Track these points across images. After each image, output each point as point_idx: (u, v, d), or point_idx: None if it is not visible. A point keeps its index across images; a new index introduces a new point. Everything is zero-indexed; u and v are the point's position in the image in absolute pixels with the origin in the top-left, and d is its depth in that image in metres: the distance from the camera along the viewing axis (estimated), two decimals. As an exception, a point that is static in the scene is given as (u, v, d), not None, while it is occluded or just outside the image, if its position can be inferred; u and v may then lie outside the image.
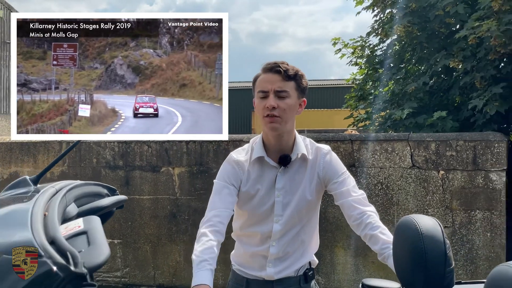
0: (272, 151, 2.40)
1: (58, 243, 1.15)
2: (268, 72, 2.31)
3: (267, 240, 2.41)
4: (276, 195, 2.38)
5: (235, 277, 2.52)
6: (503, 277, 1.23)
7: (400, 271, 1.79)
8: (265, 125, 2.34)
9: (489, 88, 5.72)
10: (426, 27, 6.44)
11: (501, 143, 5.14)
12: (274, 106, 2.27)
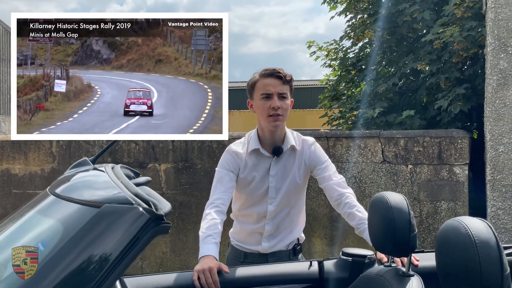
0: (266, 144, 2.79)
1: (140, 195, 1.50)
2: (269, 77, 2.69)
3: (262, 219, 2.80)
4: (270, 181, 2.76)
5: (234, 251, 2.90)
6: (449, 228, 1.62)
7: (373, 237, 2.19)
8: (268, 123, 2.71)
9: (453, 89, 6.19)
10: (395, 32, 6.90)
11: (464, 139, 5.61)
12: (279, 107, 2.66)
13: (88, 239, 1.30)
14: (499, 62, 5.45)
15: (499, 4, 5.43)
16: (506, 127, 5.43)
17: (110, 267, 1.26)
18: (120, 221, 1.33)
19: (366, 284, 2.21)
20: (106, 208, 1.37)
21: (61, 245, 1.32)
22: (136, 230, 1.33)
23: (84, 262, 1.28)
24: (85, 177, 1.91)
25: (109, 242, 1.29)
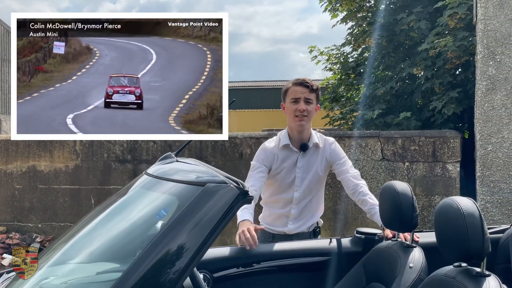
0: (295, 141, 3.32)
1: (229, 177, 1.98)
2: (299, 86, 3.24)
3: (288, 204, 3.32)
4: (296, 172, 3.29)
5: (263, 233, 3.42)
6: (444, 204, 2.15)
7: (384, 217, 2.73)
8: (294, 122, 3.25)
9: (447, 92, 6.74)
10: (393, 39, 7.45)
11: (456, 139, 6.16)
12: (304, 109, 3.20)
13: (197, 209, 1.79)
14: (488, 69, 6.00)
15: (488, 16, 5.98)
16: (494, 128, 5.98)
17: (212, 230, 1.75)
18: (219, 196, 1.82)
19: (377, 254, 2.75)
20: (209, 186, 1.87)
21: (179, 213, 1.80)
22: (231, 202, 1.82)
23: (195, 227, 1.75)
24: (179, 165, 2.37)
25: (211, 211, 1.77)
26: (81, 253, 2.15)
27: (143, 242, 1.74)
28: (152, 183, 2.30)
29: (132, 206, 2.31)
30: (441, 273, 2.18)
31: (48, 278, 2.10)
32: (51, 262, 2.18)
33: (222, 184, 1.82)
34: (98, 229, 2.25)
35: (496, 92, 5.97)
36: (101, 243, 2.11)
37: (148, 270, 1.63)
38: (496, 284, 1.95)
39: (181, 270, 1.64)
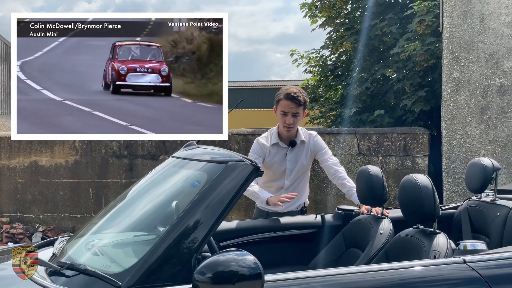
0: (284, 138, 3.90)
1: (244, 157, 2.50)
2: (289, 100, 3.74)
3: (280, 190, 3.91)
4: (287, 164, 3.88)
5: (258, 211, 4.02)
6: (406, 180, 2.77)
7: (360, 195, 3.35)
8: (283, 129, 3.81)
9: (416, 92, 7.41)
10: (368, 43, 8.11)
11: (425, 135, 6.84)
12: (291, 123, 3.77)
13: (221, 181, 2.31)
14: (453, 72, 6.68)
15: (453, 24, 6.66)
16: (458, 125, 6.66)
17: (232, 198, 2.29)
18: (238, 171, 2.37)
19: (354, 226, 3.37)
20: (230, 163, 2.42)
21: (209, 184, 2.35)
22: (247, 175, 2.37)
23: (220, 195, 2.28)
24: (202, 150, 2.91)
25: (232, 182, 2.31)
26: (128, 219, 2.71)
27: (181, 208, 2.30)
28: (182, 163, 2.85)
29: (168, 180, 2.86)
30: (403, 233, 2.81)
31: (98, 240, 2.66)
32: (100, 228, 2.74)
33: (240, 162, 2.39)
34: (140, 200, 2.81)
35: (460, 93, 6.64)
36: (144, 211, 2.68)
37: (184, 229, 2.19)
38: (444, 239, 2.57)
39: (209, 229, 2.20)
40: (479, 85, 6.61)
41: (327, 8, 8.33)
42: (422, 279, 2.30)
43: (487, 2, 6.58)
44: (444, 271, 2.31)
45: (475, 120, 6.63)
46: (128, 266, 2.18)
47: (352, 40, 7.94)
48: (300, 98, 3.78)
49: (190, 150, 2.93)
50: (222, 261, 2.02)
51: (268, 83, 35.77)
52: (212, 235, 2.25)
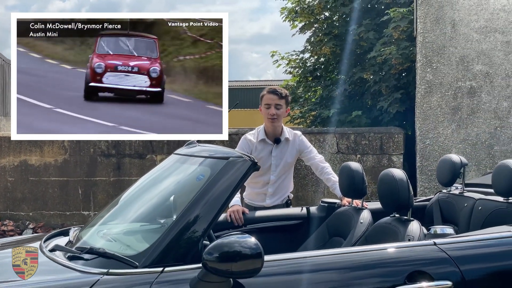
0: (270, 135, 4.21)
1: (242, 153, 2.78)
2: (271, 94, 4.09)
3: (266, 185, 4.22)
4: (272, 160, 4.19)
5: (247, 206, 4.33)
6: (383, 174, 3.11)
7: (342, 188, 3.69)
8: (268, 123, 4.12)
9: (392, 94, 7.80)
10: (346, 47, 8.49)
11: (400, 135, 7.22)
12: (274, 114, 4.09)
13: (223, 175, 2.62)
14: (426, 75, 7.07)
15: (426, 30, 7.05)
16: (431, 125, 7.06)
17: (233, 190, 2.59)
18: (238, 166, 2.67)
19: (337, 217, 3.70)
20: (231, 159, 2.72)
21: (212, 178, 2.65)
22: (246, 170, 2.67)
23: (222, 187, 2.58)
24: (204, 148, 3.20)
25: (233, 176, 2.61)
26: (136, 211, 3.01)
27: (188, 199, 2.60)
28: (184, 159, 3.15)
29: (173, 175, 3.15)
30: (382, 221, 3.15)
31: (110, 229, 2.96)
32: (111, 218, 3.04)
33: (240, 158, 2.70)
34: (147, 194, 3.11)
35: (433, 94, 7.04)
36: (152, 203, 2.98)
37: (192, 217, 2.49)
38: (417, 225, 2.92)
39: (214, 217, 2.51)
40: (450, 87, 7.02)
41: (306, 14, 8.69)
42: (397, 259, 2.64)
43: (458, 9, 6.99)
44: (416, 252, 2.66)
45: (447, 120, 7.03)
46: (143, 249, 2.49)
47: (331, 45, 8.31)
48: (281, 91, 4.14)
49: (192, 148, 3.23)
50: (226, 243, 2.33)
51: (246, 83, 35.97)
52: (215, 221, 2.57)
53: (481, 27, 6.95)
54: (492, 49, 6.94)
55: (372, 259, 2.62)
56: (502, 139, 6.93)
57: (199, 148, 3.20)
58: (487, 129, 6.97)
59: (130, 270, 2.39)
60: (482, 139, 6.96)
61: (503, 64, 6.92)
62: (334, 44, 8.32)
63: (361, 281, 2.54)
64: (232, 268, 2.30)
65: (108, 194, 7.70)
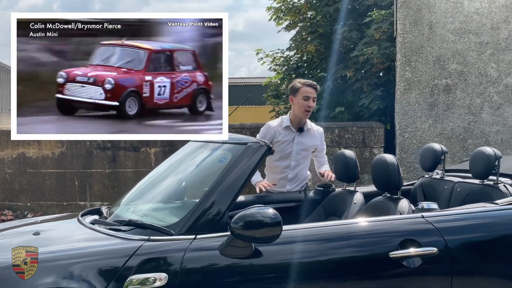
0: (295, 124, 4.57)
1: (258, 139, 3.18)
2: (310, 87, 4.47)
3: (286, 170, 4.57)
4: (293, 146, 4.54)
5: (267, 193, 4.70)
6: (377, 158, 3.57)
7: (336, 173, 4.14)
8: (302, 113, 4.46)
9: (373, 91, 8.30)
10: (329, 46, 8.96)
11: (381, 129, 7.72)
12: (311, 106, 4.47)
13: (243, 158, 3.01)
14: (405, 73, 7.57)
15: (405, 31, 7.55)
16: (410, 120, 7.57)
17: (251, 172, 3.01)
18: (255, 150, 3.09)
19: (332, 198, 4.16)
20: (250, 144, 3.13)
21: (233, 160, 3.05)
22: (262, 154, 3.09)
23: (243, 168, 2.98)
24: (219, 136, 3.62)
25: (251, 159, 3.01)
26: (162, 190, 3.43)
27: (213, 178, 3.02)
28: (203, 145, 3.56)
29: (195, 159, 3.57)
30: (375, 200, 3.62)
31: (139, 206, 3.37)
32: (137, 197, 3.46)
33: (257, 143, 3.13)
34: (170, 175, 3.53)
35: (411, 91, 7.55)
36: (177, 183, 3.41)
37: (218, 193, 2.91)
38: (406, 202, 3.39)
39: (236, 193, 2.93)
40: (427, 85, 7.53)
41: (292, 13, 9.14)
42: (391, 229, 3.10)
43: (435, 11, 7.50)
44: (407, 224, 3.12)
45: (424, 115, 7.54)
46: (176, 220, 2.92)
47: (316, 43, 8.77)
48: (317, 86, 4.58)
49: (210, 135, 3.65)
50: (249, 214, 2.76)
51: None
52: (238, 197, 3.00)
53: (456, 29, 7.47)
54: (466, 49, 7.46)
55: (371, 229, 3.08)
56: (475, 133, 7.46)
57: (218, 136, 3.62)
58: (461, 123, 7.49)
59: (169, 237, 2.81)
60: (457, 133, 7.49)
61: (476, 63, 7.45)
62: (319, 43, 8.77)
63: (362, 248, 3.00)
64: (255, 235, 2.73)
65: (103, 185, 8.06)
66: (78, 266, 2.63)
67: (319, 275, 2.91)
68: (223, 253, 2.78)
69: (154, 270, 2.69)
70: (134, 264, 2.66)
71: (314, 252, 2.96)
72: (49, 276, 2.55)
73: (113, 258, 2.70)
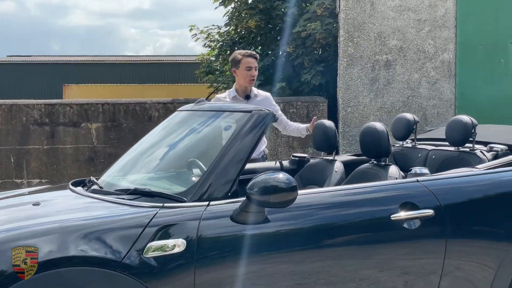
0: (240, 93, 4.68)
1: (261, 107, 3.18)
2: (250, 57, 4.59)
3: None
4: None
5: None
6: (366, 126, 3.66)
7: (316, 143, 4.20)
8: (247, 83, 4.62)
9: (314, 67, 8.43)
10: (270, 22, 9.01)
11: (324, 103, 7.89)
12: (255, 74, 4.55)
13: (249, 126, 3.00)
14: (348, 49, 7.75)
15: (348, 7, 7.71)
16: (352, 95, 7.77)
17: (258, 138, 3.00)
18: (260, 117, 3.09)
19: (311, 168, 4.21)
20: (254, 112, 3.10)
21: (240, 127, 3.01)
22: (267, 121, 3.09)
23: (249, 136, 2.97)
24: (213, 104, 3.55)
25: (258, 126, 2.99)
26: (161, 158, 3.36)
27: (221, 145, 2.99)
28: (200, 114, 3.51)
29: (193, 126, 3.50)
30: (362, 167, 3.72)
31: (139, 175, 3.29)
32: (132, 167, 3.37)
33: (261, 111, 3.14)
34: (166, 143, 3.46)
35: (354, 67, 7.74)
36: (179, 151, 3.35)
37: (228, 159, 2.89)
38: (396, 169, 3.51)
39: (246, 159, 2.92)
40: (369, 60, 7.76)
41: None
42: (391, 192, 3.20)
43: (376, -12, 7.71)
44: (404, 188, 3.24)
45: (366, 90, 7.78)
46: (187, 187, 2.88)
47: (257, 19, 8.78)
48: (256, 55, 4.74)
49: (202, 105, 3.61)
50: (261, 180, 2.77)
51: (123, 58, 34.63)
52: (246, 164, 3.00)
53: (396, 6, 7.71)
54: (406, 26, 7.73)
55: (371, 193, 3.17)
56: (413, 107, 7.77)
57: (211, 105, 3.60)
58: (400, 98, 7.78)
59: (183, 204, 2.78)
60: (396, 107, 7.77)
61: (415, 39, 7.74)
62: (260, 18, 8.79)
63: (365, 212, 3.09)
64: (270, 199, 2.75)
65: (41, 162, 7.76)
66: (95, 234, 2.56)
67: (327, 239, 2.98)
68: (237, 219, 2.79)
69: (171, 236, 2.66)
70: (152, 231, 2.63)
71: (321, 217, 3.01)
72: (66, 244, 2.48)
73: (130, 225, 2.64)
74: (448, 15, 7.70)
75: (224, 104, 3.52)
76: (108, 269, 2.50)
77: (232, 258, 2.77)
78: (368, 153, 3.68)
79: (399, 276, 3.05)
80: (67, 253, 2.46)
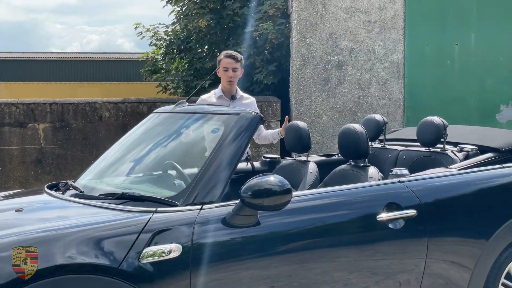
0: (226, 93, 4.63)
1: (249, 110, 3.15)
2: (228, 58, 4.53)
3: None
4: None
5: None
6: (345, 127, 3.69)
7: (289, 144, 4.19)
8: (226, 84, 4.59)
9: (266, 66, 8.45)
10: (220, 22, 8.95)
11: (277, 103, 7.92)
12: (231, 76, 4.51)
13: (238, 128, 2.95)
14: (300, 49, 7.81)
15: (300, 8, 7.77)
16: (305, 94, 7.84)
17: (248, 141, 2.98)
18: (249, 119, 3.04)
19: (283, 169, 4.20)
20: (242, 114, 3.06)
21: (229, 130, 2.97)
22: (255, 123, 3.05)
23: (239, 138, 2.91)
24: (194, 106, 3.45)
25: (246, 129, 2.95)
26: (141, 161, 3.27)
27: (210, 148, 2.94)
28: (182, 116, 3.42)
29: (173, 129, 3.41)
30: (340, 168, 3.75)
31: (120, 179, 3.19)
32: (112, 171, 3.26)
33: (249, 113, 3.10)
34: (144, 146, 3.37)
35: (306, 67, 7.81)
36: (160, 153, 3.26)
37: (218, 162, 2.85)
38: (375, 170, 3.55)
39: (236, 162, 2.89)
40: (321, 60, 7.84)
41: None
42: (375, 193, 3.24)
43: (327, -11, 7.80)
44: (387, 189, 3.28)
45: (318, 90, 7.86)
46: (178, 191, 2.82)
47: (208, 18, 8.71)
48: (237, 56, 4.65)
49: (183, 107, 3.53)
50: (254, 184, 2.75)
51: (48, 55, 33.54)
52: (237, 166, 2.96)
53: (347, 7, 7.83)
54: (356, 27, 7.86)
55: (357, 195, 3.21)
56: (364, 106, 7.92)
57: (193, 106, 3.54)
58: (352, 98, 7.91)
59: (176, 208, 2.72)
60: (348, 107, 7.89)
61: (365, 40, 7.88)
62: (211, 18, 8.73)
63: (351, 212, 3.12)
64: (264, 203, 2.73)
65: (-15, 165, 7.43)
66: (91, 241, 2.47)
67: (317, 241, 2.99)
68: (231, 222, 2.76)
69: (167, 241, 2.61)
70: (147, 237, 2.57)
71: (311, 219, 3.02)
72: (62, 252, 2.39)
73: (125, 231, 2.57)
74: (396, 17, 7.88)
75: (208, 106, 3.47)
76: (106, 276, 2.43)
77: (227, 261, 2.74)
78: (347, 154, 3.71)
79: (388, 277, 3.10)
80: (63, 261, 2.37)
